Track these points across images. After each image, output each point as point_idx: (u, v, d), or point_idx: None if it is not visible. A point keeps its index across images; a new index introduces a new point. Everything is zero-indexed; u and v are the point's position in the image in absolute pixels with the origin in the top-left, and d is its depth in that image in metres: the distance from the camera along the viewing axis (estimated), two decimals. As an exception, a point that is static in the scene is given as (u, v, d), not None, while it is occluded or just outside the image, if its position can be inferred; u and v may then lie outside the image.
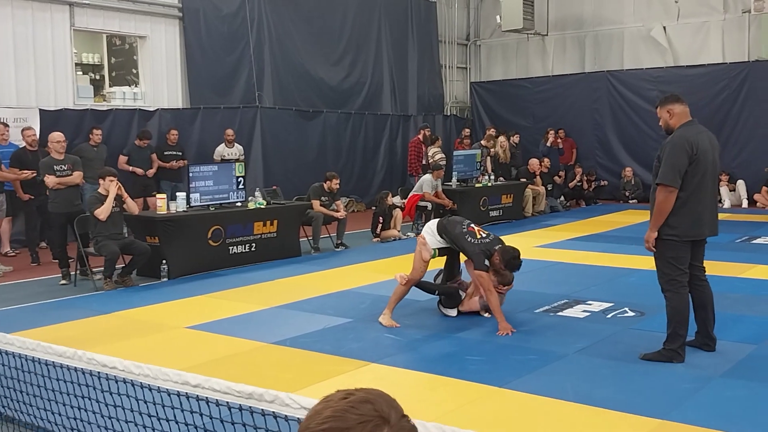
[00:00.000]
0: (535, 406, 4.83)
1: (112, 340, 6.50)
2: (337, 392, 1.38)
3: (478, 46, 21.96)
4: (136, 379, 2.67)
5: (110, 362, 2.72)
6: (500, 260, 6.65)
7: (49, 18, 12.61)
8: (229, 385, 2.36)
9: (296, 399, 2.16)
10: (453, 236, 6.80)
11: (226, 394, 2.34)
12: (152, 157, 12.82)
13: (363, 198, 17.54)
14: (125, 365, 2.67)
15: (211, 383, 2.39)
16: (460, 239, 6.76)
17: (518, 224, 14.23)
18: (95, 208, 8.71)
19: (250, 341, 6.40)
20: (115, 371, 2.72)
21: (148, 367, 2.62)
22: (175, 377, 2.49)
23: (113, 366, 2.69)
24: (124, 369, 2.65)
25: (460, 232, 6.78)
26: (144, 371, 2.58)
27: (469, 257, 6.78)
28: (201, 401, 2.52)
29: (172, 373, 2.55)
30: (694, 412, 4.64)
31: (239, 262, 10.06)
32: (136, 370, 2.60)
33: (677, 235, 5.48)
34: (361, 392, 1.36)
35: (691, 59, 18.14)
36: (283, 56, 16.14)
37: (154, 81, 14.21)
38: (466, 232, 6.78)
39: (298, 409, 2.16)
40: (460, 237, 6.77)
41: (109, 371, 2.76)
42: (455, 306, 7.21)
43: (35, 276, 9.74)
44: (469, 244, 6.70)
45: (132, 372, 2.62)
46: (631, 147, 18.60)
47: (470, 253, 6.72)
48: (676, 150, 5.40)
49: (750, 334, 6.36)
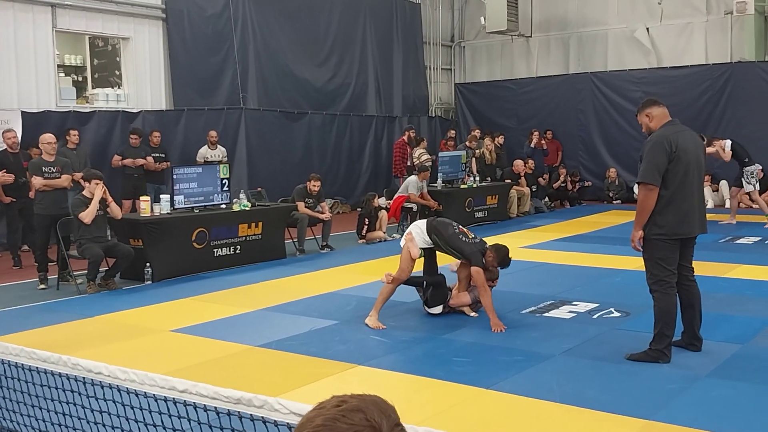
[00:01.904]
0: (522, 407, 4.83)
1: (97, 344, 6.45)
2: (332, 398, 1.36)
3: (462, 47, 22.00)
4: (122, 385, 2.63)
5: (95, 367, 2.68)
6: (494, 257, 6.95)
7: (31, 19, 12.49)
8: (217, 390, 2.33)
9: (285, 404, 2.14)
10: (446, 237, 6.90)
11: (214, 399, 2.32)
12: (147, 159, 12.74)
13: (348, 199, 17.52)
14: (111, 370, 2.63)
15: (198, 388, 2.36)
16: (455, 239, 6.88)
17: (503, 225, 14.26)
18: (80, 211, 8.64)
19: (235, 344, 6.36)
20: (100, 377, 2.68)
21: (134, 372, 2.58)
22: (162, 382, 2.46)
23: (99, 371, 2.65)
24: (110, 374, 2.61)
25: (453, 233, 6.92)
26: (130, 376, 2.54)
27: (467, 256, 6.88)
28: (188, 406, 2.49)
29: (158, 378, 2.51)
30: (680, 412, 4.66)
31: (224, 265, 10.01)
32: (122, 375, 2.56)
33: (665, 233, 5.50)
34: (356, 399, 1.34)
35: (675, 60, 18.25)
36: (268, 57, 16.08)
37: (137, 82, 14.12)
38: (458, 233, 6.93)
39: (287, 414, 2.14)
40: (454, 237, 6.89)
41: (94, 377, 2.72)
42: (442, 302, 7.23)
43: (17, 279, 9.65)
44: (465, 244, 6.87)
45: (118, 377, 2.59)
46: (614, 148, 18.68)
47: (468, 252, 6.85)
48: (654, 149, 5.46)
49: (735, 334, 6.39)
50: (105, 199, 8.91)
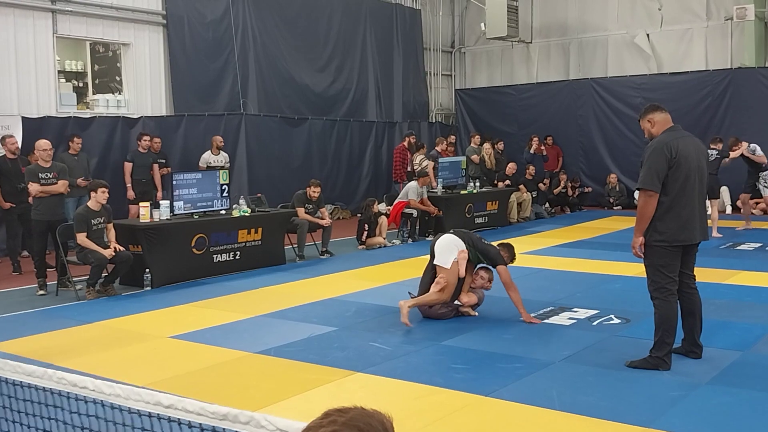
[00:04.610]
0: (521, 415, 4.80)
1: (95, 351, 6.43)
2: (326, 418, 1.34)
3: (462, 53, 22.01)
4: (106, 400, 2.59)
5: (81, 381, 2.64)
6: (508, 255, 7.43)
7: (32, 24, 12.51)
8: (203, 405, 2.30)
9: (272, 420, 2.11)
10: (478, 245, 7.30)
11: (199, 415, 2.29)
12: (153, 166, 12.74)
13: (348, 205, 17.51)
14: (96, 385, 2.60)
15: (184, 404, 2.33)
16: (482, 245, 7.34)
17: (504, 231, 14.24)
18: (79, 230, 8.63)
19: (233, 351, 6.34)
20: (85, 391, 2.64)
21: (120, 386, 2.54)
22: (148, 397, 2.43)
23: (84, 386, 2.61)
24: (95, 389, 2.57)
25: (479, 238, 7.42)
26: (115, 391, 2.50)
27: (493, 258, 7.28)
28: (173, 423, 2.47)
29: (144, 393, 2.48)
30: (680, 419, 4.63)
31: (223, 271, 9.99)
32: (107, 390, 2.53)
33: (666, 240, 5.47)
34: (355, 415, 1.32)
35: (675, 66, 18.26)
36: (268, 63, 16.09)
37: (137, 88, 14.13)
38: (480, 238, 7.47)
39: (273, 431, 2.11)
40: (479, 242, 7.35)
41: (79, 391, 2.68)
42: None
43: (16, 285, 9.63)
44: (491, 247, 7.38)
45: (103, 392, 2.55)
46: (615, 154, 18.68)
47: (494, 255, 7.30)
48: (654, 154, 5.45)
49: (736, 341, 6.36)
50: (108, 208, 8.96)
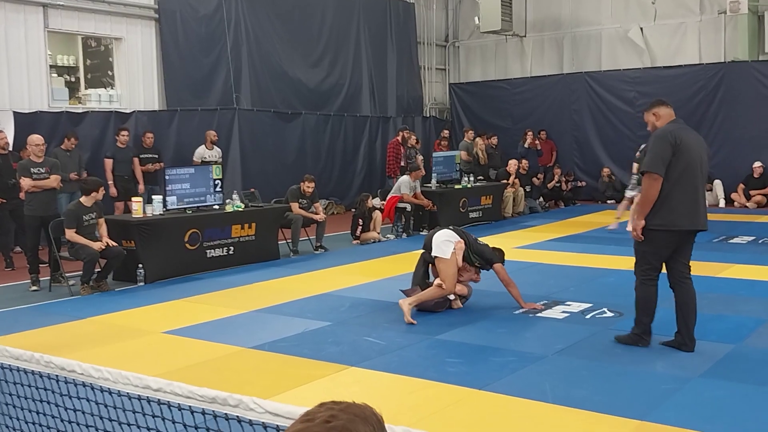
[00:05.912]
0: (515, 408, 4.81)
1: (88, 346, 6.41)
2: (320, 409, 1.33)
3: (456, 47, 21.99)
4: (95, 383, 2.61)
5: (69, 365, 2.66)
6: (500, 256, 7.61)
7: (23, 19, 12.44)
8: (191, 389, 2.31)
9: (261, 403, 2.12)
10: (476, 248, 7.36)
11: (188, 399, 2.29)
12: (134, 161, 12.65)
13: (342, 200, 17.48)
14: (84, 368, 2.61)
15: (172, 387, 2.34)
16: (478, 245, 7.41)
17: (498, 225, 14.24)
18: (69, 225, 8.60)
19: (228, 346, 6.33)
20: (74, 375, 2.66)
21: (108, 370, 2.55)
22: (136, 381, 2.44)
23: (72, 369, 2.63)
24: (83, 372, 2.58)
25: (475, 239, 7.47)
26: (104, 375, 2.52)
27: (489, 257, 7.38)
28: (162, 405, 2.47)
29: (132, 376, 2.49)
30: (673, 412, 4.64)
31: (217, 266, 9.97)
32: (95, 373, 2.54)
33: (665, 224, 5.64)
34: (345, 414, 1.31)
35: (668, 60, 18.28)
36: (261, 58, 16.04)
37: (130, 83, 14.07)
38: (476, 239, 7.53)
39: (262, 413, 2.12)
40: (475, 243, 7.41)
41: (67, 374, 2.69)
42: (443, 307, 7.45)
43: (9, 281, 9.60)
44: (485, 247, 7.47)
45: (91, 375, 2.56)
46: (609, 148, 18.69)
47: (489, 254, 7.40)
48: (659, 141, 5.67)
49: (728, 334, 6.39)
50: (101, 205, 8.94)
